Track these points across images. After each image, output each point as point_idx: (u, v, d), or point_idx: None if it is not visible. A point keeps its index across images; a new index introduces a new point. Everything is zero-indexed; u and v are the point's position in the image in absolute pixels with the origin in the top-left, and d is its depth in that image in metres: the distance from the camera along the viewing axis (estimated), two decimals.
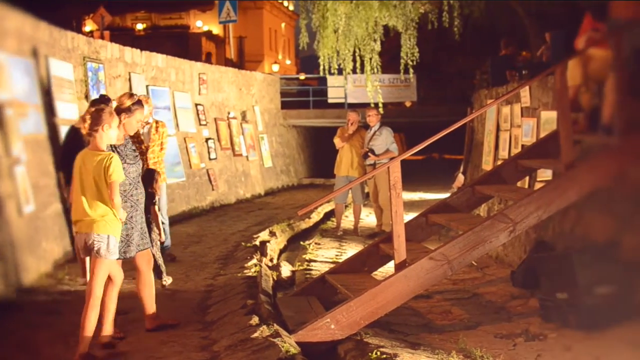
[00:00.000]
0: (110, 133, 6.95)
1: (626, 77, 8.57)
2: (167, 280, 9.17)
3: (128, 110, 7.61)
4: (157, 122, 10.77)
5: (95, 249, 6.81)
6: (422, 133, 9.10)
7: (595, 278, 7.97)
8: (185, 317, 8.18)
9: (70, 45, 12.54)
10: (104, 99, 7.30)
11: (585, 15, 9.42)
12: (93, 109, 6.94)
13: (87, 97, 12.61)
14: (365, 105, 19.16)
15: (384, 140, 13.78)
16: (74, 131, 9.68)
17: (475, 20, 20.64)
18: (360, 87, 26.09)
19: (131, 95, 7.89)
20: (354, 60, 20.21)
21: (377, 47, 19.66)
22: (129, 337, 7.47)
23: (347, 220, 16.13)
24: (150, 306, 7.69)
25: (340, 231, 14.79)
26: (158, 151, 10.51)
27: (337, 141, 14.37)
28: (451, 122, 8.22)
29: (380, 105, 20.50)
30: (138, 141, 9.93)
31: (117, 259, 7.17)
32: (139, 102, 7.81)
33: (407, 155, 8.26)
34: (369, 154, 13.73)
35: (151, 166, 9.99)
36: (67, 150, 9.51)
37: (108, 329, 7.14)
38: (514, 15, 18.78)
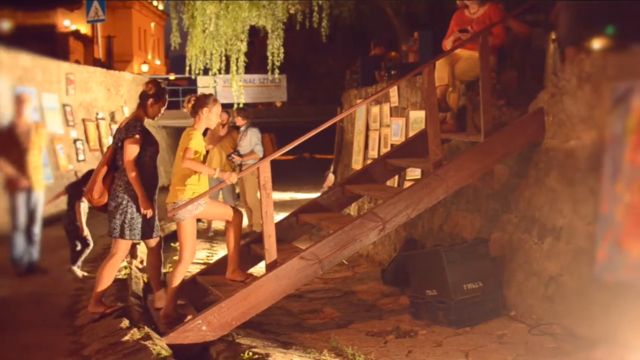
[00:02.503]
0: (211, 118, 7.88)
1: (492, 77, 8.77)
2: (78, 272, 9.27)
3: (156, 96, 8.02)
4: (37, 124, 10.40)
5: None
6: (293, 133, 9.10)
7: (463, 275, 8.12)
8: (54, 321, 7.95)
9: None
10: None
11: (453, 16, 9.59)
12: (200, 94, 8.02)
13: None
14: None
15: (248, 141, 13.73)
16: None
17: (345, 21, 20.80)
18: (230, 87, 26.01)
19: (157, 82, 8.32)
20: (221, 61, 20.10)
21: (244, 47, 19.60)
22: None
23: (218, 222, 15.99)
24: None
25: (210, 232, 14.69)
26: (37, 154, 10.04)
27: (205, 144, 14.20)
28: (321, 122, 8.22)
29: (242, 105, 20.41)
30: (16, 143, 9.61)
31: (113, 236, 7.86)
32: (165, 91, 8.22)
33: (276, 155, 8.23)
34: (233, 155, 13.68)
35: (32, 171, 9.76)
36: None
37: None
38: (383, 15, 19.02)
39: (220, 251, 12.63)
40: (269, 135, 40.75)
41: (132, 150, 7.69)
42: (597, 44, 8.59)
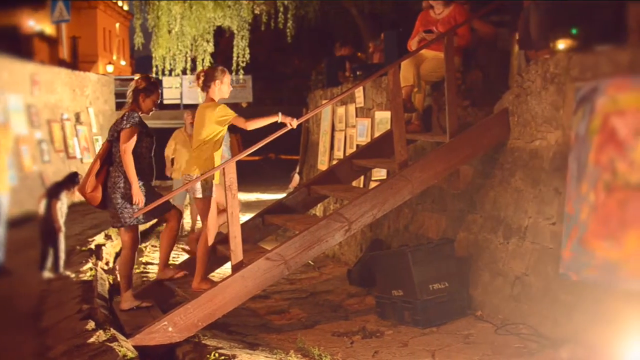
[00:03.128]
0: (223, 89, 7.99)
1: (457, 78, 8.80)
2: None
3: (146, 90, 8.10)
4: (2, 125, 10.30)
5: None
6: (259, 134, 9.06)
7: (429, 275, 8.14)
8: (19, 323, 7.86)
9: None
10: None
11: (418, 16, 9.60)
12: (208, 68, 8.17)
13: None
14: None
15: None
16: None
17: (311, 22, 20.79)
18: (196, 87, 25.90)
19: (147, 76, 8.37)
20: (187, 62, 20.01)
21: (210, 48, 19.53)
22: None
23: (186, 223, 15.93)
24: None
25: (185, 232, 14.64)
26: (3, 156, 9.93)
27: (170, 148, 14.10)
28: None
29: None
30: None
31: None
32: (156, 84, 8.27)
33: (242, 156, 8.20)
34: None
35: None
36: None
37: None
38: (348, 16, 19.03)
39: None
40: (235, 136, 40.60)
41: (128, 140, 7.81)
42: (561, 45, 8.65)
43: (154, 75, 21.41)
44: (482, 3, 9.06)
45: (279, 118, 7.87)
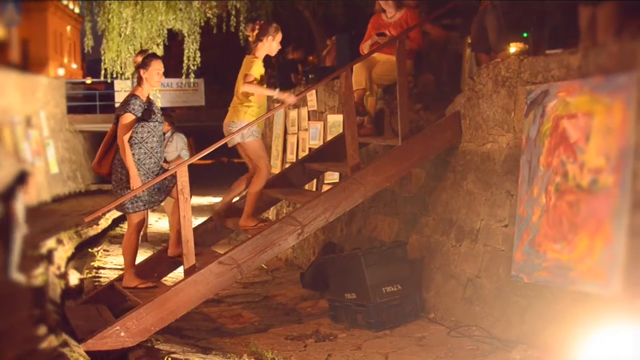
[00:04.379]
0: (272, 46, 8.29)
1: (409, 81, 8.84)
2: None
3: (144, 65, 8.03)
4: None
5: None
6: (211, 137, 9.02)
7: (382, 278, 8.15)
8: None
9: None
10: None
11: (371, 20, 9.62)
12: (262, 22, 8.40)
13: None
14: None
15: (175, 146, 13.61)
16: None
17: None
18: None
19: (141, 51, 8.38)
20: None
21: (160, 51, 19.35)
22: None
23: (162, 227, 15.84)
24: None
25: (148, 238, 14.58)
26: None
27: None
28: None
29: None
30: None
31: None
32: (151, 55, 8.22)
33: (195, 159, 8.16)
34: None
35: None
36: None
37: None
38: (301, 19, 19.01)
39: (139, 256, 12.45)
40: (189, 139, 40.37)
41: (123, 127, 7.86)
42: (512, 48, 8.73)
43: (102, 78, 21.28)
44: (433, 6, 9.09)
45: (276, 94, 8.34)
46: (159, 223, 16.69)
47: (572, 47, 7.26)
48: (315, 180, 11.17)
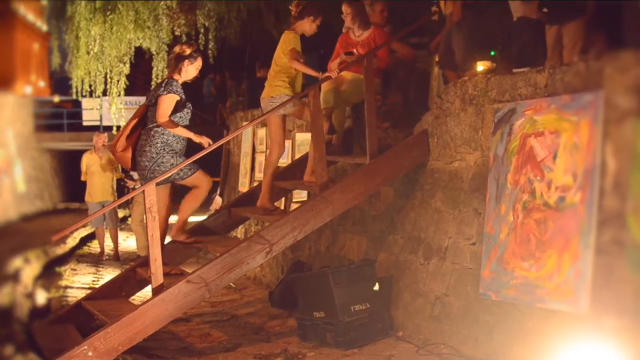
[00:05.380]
0: (312, 27, 8.68)
1: (377, 99, 8.85)
2: None
3: (191, 57, 8.20)
4: None
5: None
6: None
7: (351, 296, 8.13)
8: None
9: None
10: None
11: (339, 38, 9.64)
12: (309, 1, 8.60)
13: None
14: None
15: None
16: None
17: (232, 42, 20.70)
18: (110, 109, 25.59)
19: (190, 43, 8.53)
20: (106, 83, 19.73)
21: (126, 69, 19.26)
22: None
23: (108, 246, 15.74)
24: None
25: (105, 256, 14.48)
26: None
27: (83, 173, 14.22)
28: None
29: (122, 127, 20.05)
30: None
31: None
32: (199, 51, 8.42)
33: (162, 178, 8.11)
34: (126, 179, 13.59)
35: None
36: None
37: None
38: (270, 37, 19.01)
39: (107, 275, 12.41)
40: None
41: (167, 106, 7.98)
42: (480, 66, 8.77)
43: (74, 97, 21.14)
44: (401, 25, 9.13)
45: (320, 74, 8.58)
46: (127, 242, 16.57)
47: (539, 65, 7.32)
48: (283, 199, 11.15)
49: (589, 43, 7.59)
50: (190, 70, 8.24)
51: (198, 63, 8.28)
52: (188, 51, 8.21)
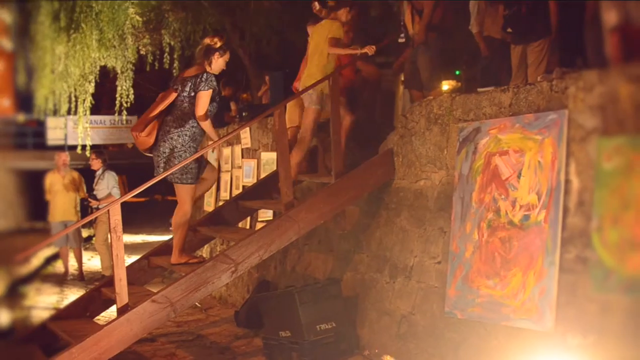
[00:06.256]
0: (347, 17, 8.85)
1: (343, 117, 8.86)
2: None
3: (222, 50, 8.18)
4: None
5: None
6: (144, 174, 8.96)
7: (316, 315, 8.11)
8: None
9: None
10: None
11: (304, 57, 9.66)
12: None
13: None
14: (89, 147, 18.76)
15: (105, 184, 13.57)
16: None
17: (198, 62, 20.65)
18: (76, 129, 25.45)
19: (221, 35, 8.40)
20: (71, 102, 19.60)
21: (91, 88, 19.15)
22: None
23: (72, 266, 15.62)
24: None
25: (70, 276, 14.35)
26: None
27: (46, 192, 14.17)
28: None
29: (88, 147, 19.88)
30: None
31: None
32: (228, 42, 8.56)
33: (128, 197, 8.07)
34: (90, 199, 13.53)
35: None
36: None
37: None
38: (235, 56, 19.00)
39: (71, 295, 12.30)
40: (121, 177, 40.00)
41: (206, 101, 8.04)
42: (445, 85, 8.82)
43: (36, 116, 20.95)
44: (366, 44, 9.15)
45: (359, 51, 8.84)
46: (91, 262, 16.45)
47: (503, 85, 7.38)
48: (249, 218, 11.13)
49: (553, 62, 7.67)
50: (220, 62, 8.19)
51: (227, 56, 8.24)
52: (219, 43, 8.15)
